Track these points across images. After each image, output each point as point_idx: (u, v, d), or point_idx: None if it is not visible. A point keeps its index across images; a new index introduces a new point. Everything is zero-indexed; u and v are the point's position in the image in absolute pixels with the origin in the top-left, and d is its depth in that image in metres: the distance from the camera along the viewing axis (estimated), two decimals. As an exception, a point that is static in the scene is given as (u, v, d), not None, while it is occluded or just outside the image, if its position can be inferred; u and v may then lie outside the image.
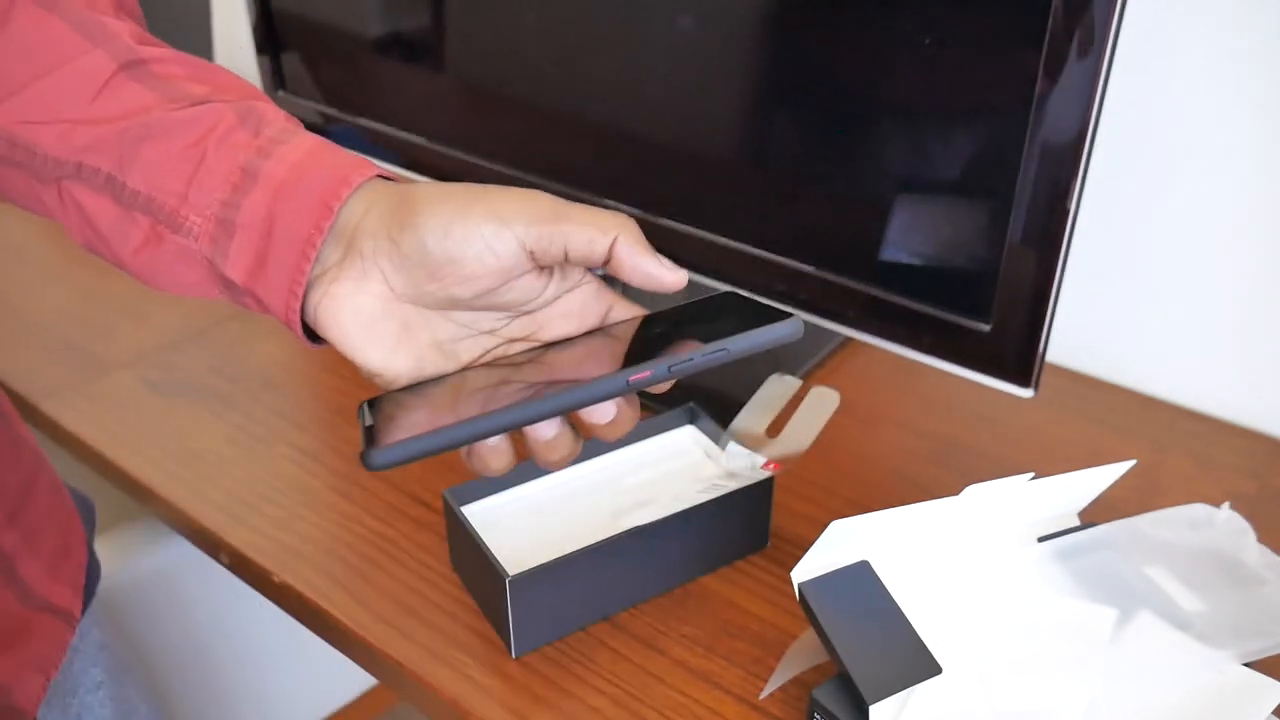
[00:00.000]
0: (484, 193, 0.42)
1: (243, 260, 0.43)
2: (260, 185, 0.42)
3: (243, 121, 0.44)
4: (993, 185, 0.57)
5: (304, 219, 0.42)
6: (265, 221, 0.42)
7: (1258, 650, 0.50)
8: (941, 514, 0.52)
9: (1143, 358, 0.78)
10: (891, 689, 0.47)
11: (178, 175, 0.43)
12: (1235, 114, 0.68)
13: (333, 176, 0.42)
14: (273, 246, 0.42)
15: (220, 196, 0.43)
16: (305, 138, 0.44)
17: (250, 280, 0.43)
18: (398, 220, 0.41)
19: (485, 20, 0.77)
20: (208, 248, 0.43)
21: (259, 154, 0.43)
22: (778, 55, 0.64)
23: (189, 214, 0.43)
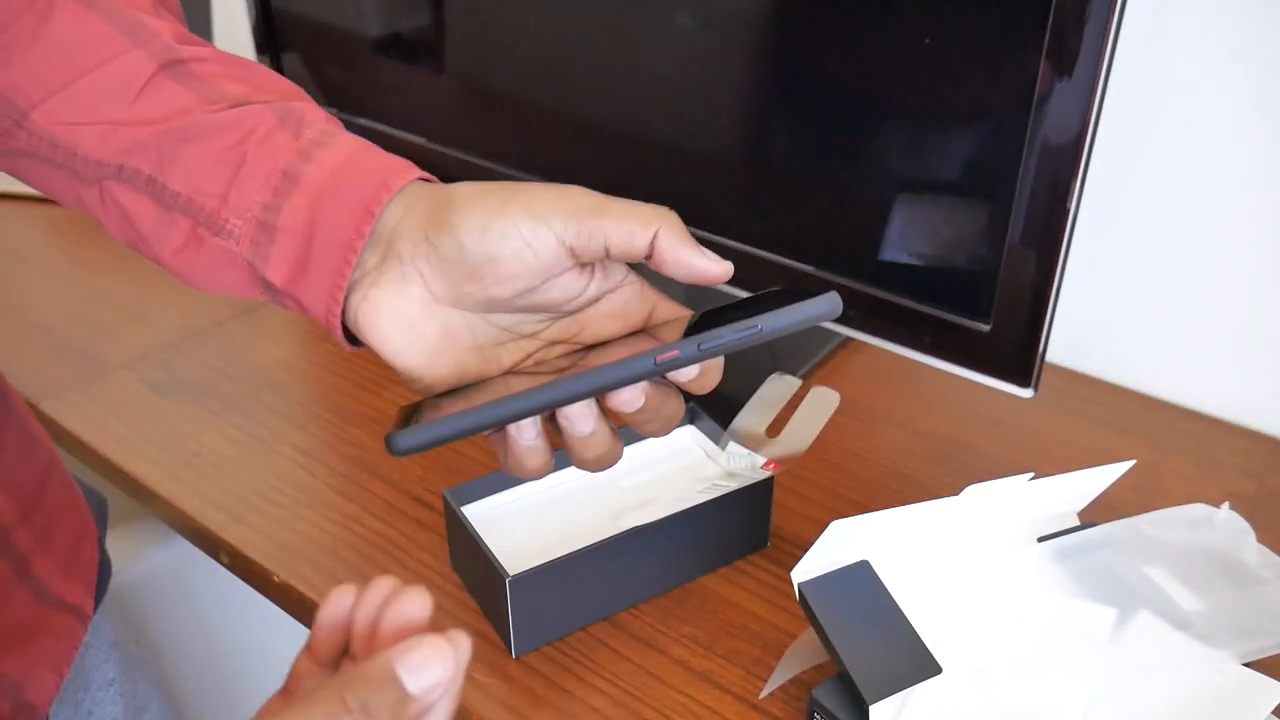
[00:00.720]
0: (520, 190, 0.41)
1: (284, 264, 0.43)
2: (301, 189, 0.42)
3: (283, 123, 0.44)
4: (993, 185, 0.57)
5: (345, 224, 0.41)
6: (307, 226, 0.42)
7: (1257, 650, 0.50)
8: (941, 514, 0.52)
9: (1143, 358, 0.78)
10: (891, 689, 0.47)
11: (218, 177, 0.43)
12: (1235, 114, 0.68)
13: (373, 180, 0.42)
14: (314, 251, 0.42)
15: (261, 200, 0.42)
16: (346, 139, 0.44)
17: (291, 284, 0.43)
18: (434, 222, 0.41)
19: (485, 20, 0.77)
20: (248, 250, 0.43)
21: (300, 157, 0.43)
22: (778, 55, 0.64)
23: (229, 216, 0.43)
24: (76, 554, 0.59)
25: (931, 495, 0.51)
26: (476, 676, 0.55)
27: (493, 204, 0.40)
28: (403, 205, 0.42)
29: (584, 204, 0.41)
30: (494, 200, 0.40)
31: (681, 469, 0.63)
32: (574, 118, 0.75)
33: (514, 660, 0.56)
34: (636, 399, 0.40)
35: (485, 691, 0.54)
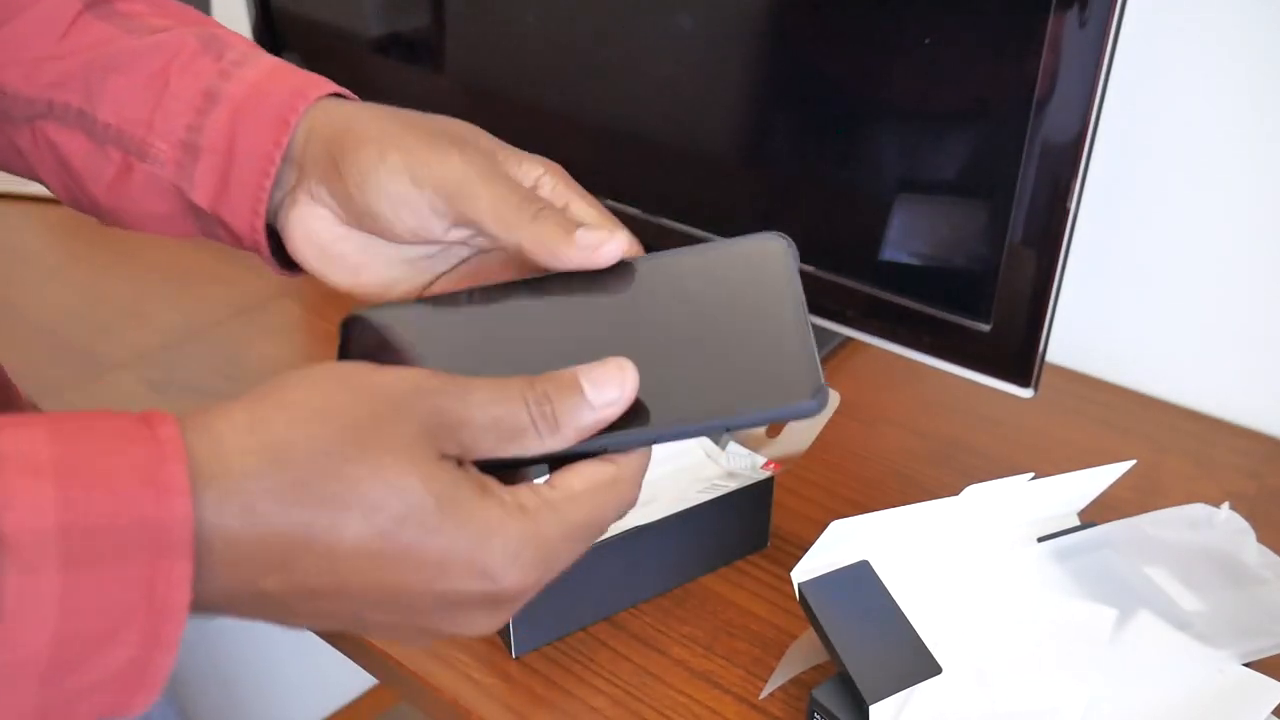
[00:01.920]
0: (405, 140, 0.40)
1: (208, 183, 0.43)
2: (221, 106, 0.43)
3: (205, 48, 0.44)
4: (993, 185, 0.57)
5: (263, 136, 0.42)
6: (227, 141, 0.43)
7: (1257, 650, 0.50)
8: (941, 514, 0.52)
9: (1143, 358, 0.78)
10: (891, 689, 0.47)
11: (143, 104, 0.44)
12: (1235, 114, 0.68)
13: (290, 92, 0.43)
14: (234, 166, 0.43)
15: (184, 121, 0.43)
16: (265, 59, 0.45)
17: (216, 204, 0.44)
18: (329, 157, 0.41)
19: (485, 20, 0.77)
20: (174, 173, 0.44)
21: (220, 76, 0.43)
22: (777, 55, 0.64)
23: (155, 141, 0.44)
24: None
25: (931, 495, 0.51)
26: (476, 676, 0.55)
27: (373, 155, 0.40)
28: (308, 127, 0.42)
29: (457, 179, 0.40)
30: (374, 151, 0.40)
31: (681, 469, 0.63)
32: (574, 118, 0.75)
33: (514, 660, 0.56)
34: None
35: (485, 691, 0.54)
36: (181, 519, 0.28)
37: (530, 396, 0.33)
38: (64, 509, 0.27)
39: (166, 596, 0.28)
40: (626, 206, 0.74)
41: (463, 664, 0.55)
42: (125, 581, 0.28)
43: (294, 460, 0.30)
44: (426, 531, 0.31)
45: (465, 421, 0.33)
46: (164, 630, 0.29)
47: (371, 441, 0.31)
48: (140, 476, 0.28)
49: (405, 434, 0.31)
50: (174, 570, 0.28)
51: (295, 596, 0.31)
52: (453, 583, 0.32)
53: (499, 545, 0.32)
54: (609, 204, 0.75)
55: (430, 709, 0.56)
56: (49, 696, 0.28)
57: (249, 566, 0.30)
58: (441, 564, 0.31)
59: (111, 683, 0.29)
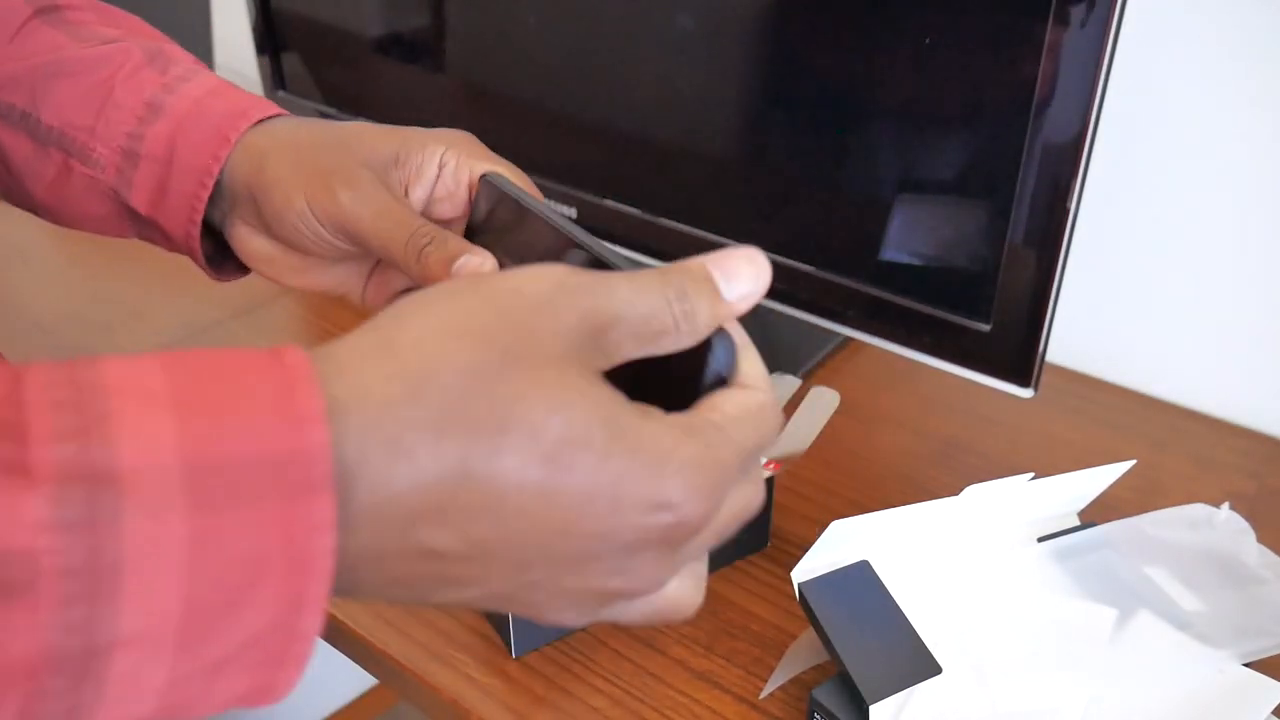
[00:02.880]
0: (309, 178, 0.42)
1: (145, 190, 0.45)
2: (164, 118, 0.45)
3: (151, 61, 0.46)
4: (993, 185, 0.57)
5: (203, 149, 0.44)
6: (167, 151, 0.44)
7: (1257, 650, 0.50)
8: (941, 514, 0.52)
9: (1143, 358, 0.78)
10: (891, 689, 0.47)
11: (87, 110, 0.45)
12: (1236, 114, 0.68)
13: (232, 110, 0.44)
14: (173, 176, 0.44)
15: (126, 129, 0.45)
16: (209, 76, 0.46)
17: (152, 209, 0.45)
18: (250, 197, 0.44)
19: (485, 20, 0.77)
20: (113, 178, 0.45)
21: (164, 90, 0.45)
22: (777, 55, 0.64)
23: (96, 145, 0.45)
24: None
25: (931, 495, 0.51)
26: (476, 676, 0.55)
27: (280, 199, 0.43)
28: (239, 157, 0.44)
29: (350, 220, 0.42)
30: (280, 195, 0.43)
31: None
32: (574, 118, 0.75)
33: (514, 660, 0.56)
34: None
35: (485, 691, 0.54)
36: (320, 450, 0.24)
37: (670, 294, 0.30)
38: (186, 443, 0.23)
39: (306, 544, 0.24)
40: (626, 206, 0.74)
41: (463, 664, 0.55)
42: (261, 526, 0.24)
43: (439, 384, 0.26)
44: (597, 457, 0.27)
45: (616, 320, 0.28)
46: (307, 586, 0.24)
47: (524, 354, 0.27)
48: (269, 406, 0.24)
49: (560, 342, 0.27)
50: (314, 511, 0.24)
51: (453, 550, 0.26)
52: (628, 516, 0.27)
53: (674, 470, 0.27)
54: (609, 204, 0.75)
55: (430, 709, 0.56)
56: (182, 671, 0.24)
57: (399, 512, 0.26)
58: (616, 495, 0.27)
59: (251, 653, 0.25)
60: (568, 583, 0.28)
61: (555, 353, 0.27)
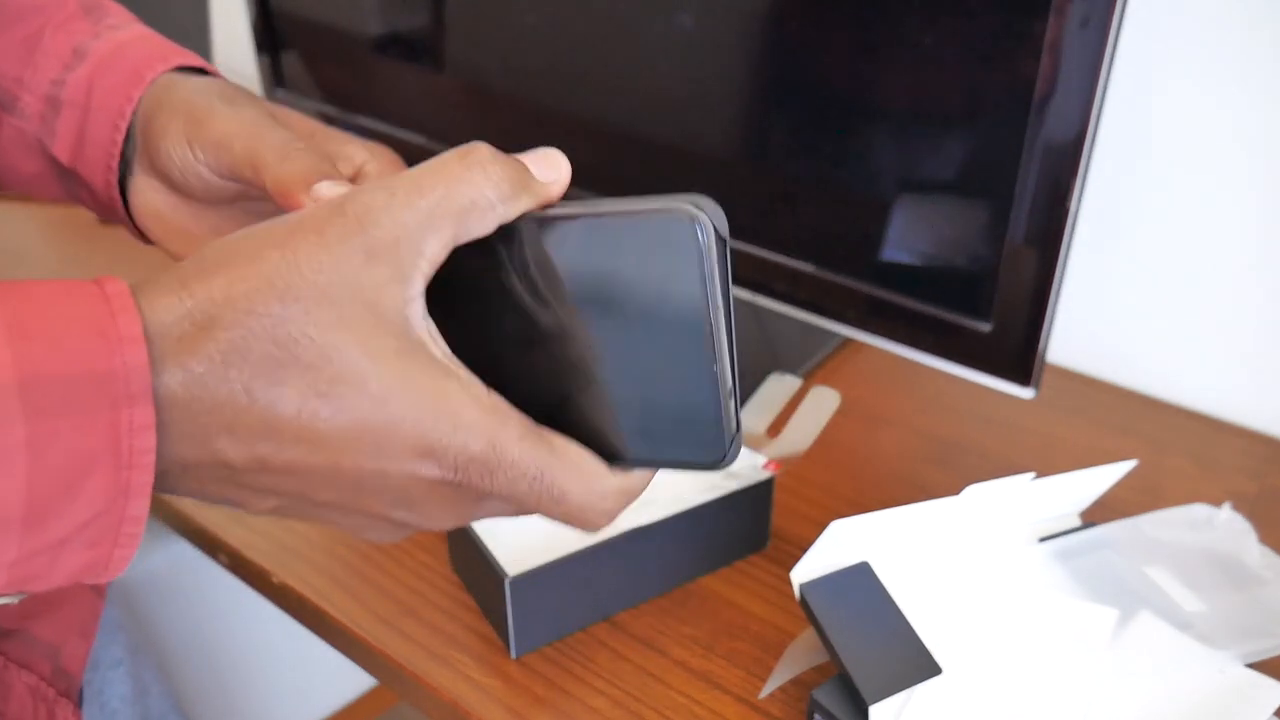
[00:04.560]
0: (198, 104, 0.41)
1: (67, 137, 0.44)
2: (86, 63, 0.44)
3: (86, 12, 0.45)
4: (993, 185, 0.57)
5: (117, 93, 0.43)
6: (85, 95, 0.43)
7: (1258, 651, 0.50)
8: (942, 514, 0.51)
9: (1143, 358, 0.78)
10: (891, 689, 0.47)
11: (17, 60, 0.44)
12: (1236, 113, 0.68)
13: (150, 54, 0.43)
14: (90, 120, 0.43)
15: (51, 76, 0.44)
16: (140, 27, 0.45)
17: (74, 159, 0.44)
18: (146, 129, 0.42)
19: (485, 20, 0.77)
20: (38, 127, 0.44)
21: (93, 36, 0.44)
22: (777, 55, 0.63)
23: (23, 94, 0.44)
24: None
25: (931, 495, 0.51)
26: (476, 677, 0.55)
27: (163, 124, 0.41)
28: (153, 99, 0.43)
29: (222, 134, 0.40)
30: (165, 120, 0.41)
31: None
32: (574, 117, 0.75)
33: (513, 661, 0.55)
34: None
35: (485, 692, 0.54)
36: (137, 367, 0.28)
37: (473, 164, 0.33)
38: (21, 363, 0.27)
39: (131, 442, 0.28)
40: (626, 206, 0.74)
41: (462, 664, 0.55)
42: (89, 428, 0.28)
43: (227, 322, 0.29)
44: (371, 400, 0.29)
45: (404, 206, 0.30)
46: (132, 478, 0.29)
47: (305, 289, 0.29)
48: (92, 329, 0.28)
49: (351, 289, 0.29)
50: (135, 416, 0.28)
51: (244, 464, 0.30)
52: (393, 461, 0.29)
53: (447, 423, 0.29)
54: (609, 204, 0.75)
55: (430, 709, 0.56)
56: (29, 547, 0.28)
57: (196, 427, 0.29)
58: (382, 438, 0.29)
59: (87, 532, 0.29)
60: (358, 506, 0.31)
61: (346, 299, 0.29)
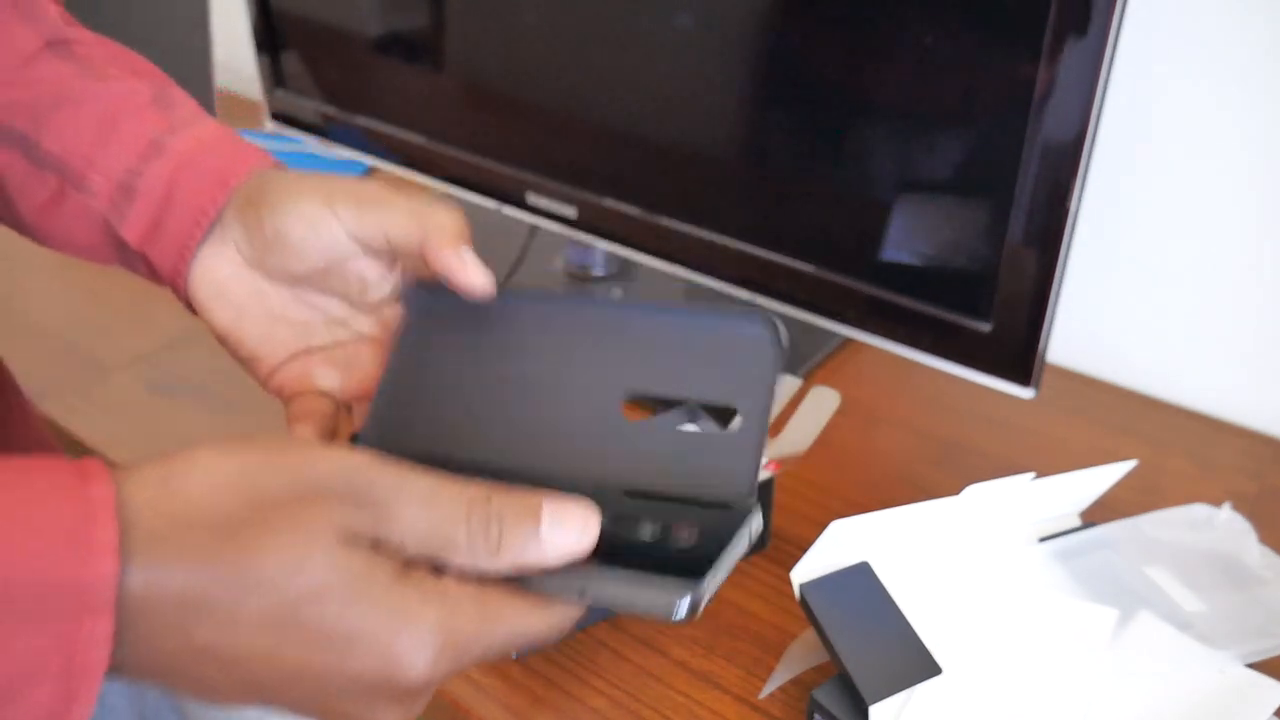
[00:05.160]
0: (329, 181, 0.45)
1: (140, 224, 0.46)
2: (165, 158, 0.45)
3: (156, 101, 0.47)
4: (993, 185, 0.57)
5: (202, 192, 0.45)
6: (166, 190, 0.45)
7: (1259, 651, 0.50)
8: (942, 514, 0.51)
9: (1143, 358, 0.78)
10: (891, 689, 0.47)
11: (88, 140, 0.46)
12: (1236, 114, 0.68)
13: (234, 159, 0.46)
14: (170, 214, 0.45)
15: (126, 164, 0.46)
16: (211, 123, 0.47)
17: (144, 243, 0.46)
18: (250, 199, 0.45)
19: (485, 20, 0.77)
20: (107, 208, 0.46)
21: (168, 130, 0.46)
22: (777, 54, 0.63)
23: (94, 175, 0.46)
24: None
25: (931, 495, 0.51)
26: (476, 677, 0.55)
27: (294, 189, 0.44)
28: (252, 187, 0.45)
29: (371, 195, 0.44)
30: (297, 186, 0.44)
31: (681, 469, 0.63)
32: (574, 118, 0.75)
33: (514, 661, 0.55)
34: None
35: (485, 692, 0.54)
36: (106, 579, 0.29)
37: (475, 514, 0.33)
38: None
39: (86, 655, 0.29)
40: (627, 206, 0.74)
41: (462, 664, 0.55)
42: (44, 637, 0.28)
43: (199, 525, 0.30)
44: (331, 612, 0.31)
45: (393, 518, 0.32)
46: (81, 687, 0.29)
47: (279, 518, 0.31)
48: (67, 535, 0.29)
49: (319, 515, 0.31)
50: (95, 630, 0.29)
51: (201, 662, 0.31)
52: (358, 667, 0.31)
53: (409, 632, 0.31)
54: (609, 204, 0.75)
55: (430, 709, 0.56)
56: None
57: (158, 628, 0.30)
58: (347, 646, 0.31)
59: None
60: (312, 704, 0.33)
61: (311, 524, 0.31)
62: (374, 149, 0.90)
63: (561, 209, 0.78)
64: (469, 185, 0.84)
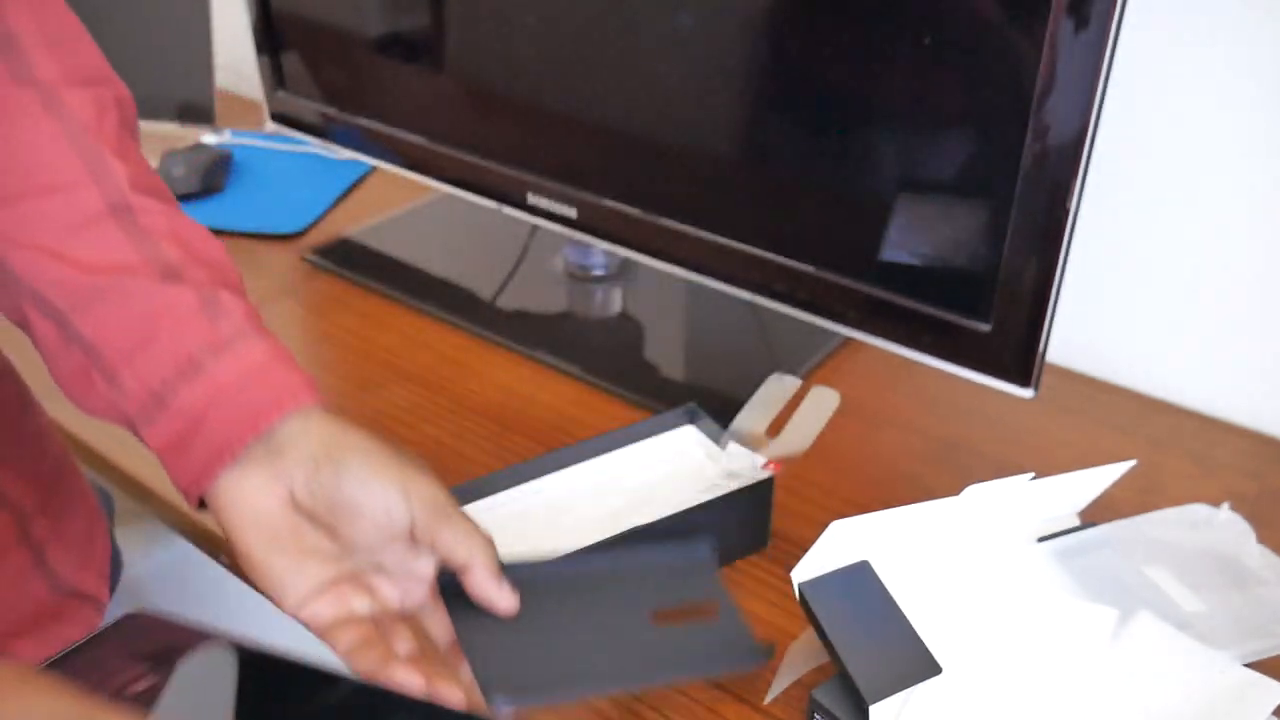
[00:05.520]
0: (403, 462, 0.46)
1: (164, 437, 0.45)
2: (202, 381, 0.45)
3: (204, 308, 0.46)
4: (993, 185, 0.57)
5: (233, 427, 0.44)
6: (198, 414, 0.44)
7: (1258, 650, 0.50)
8: (942, 514, 0.52)
9: (1143, 358, 0.78)
10: (891, 689, 0.47)
11: (126, 338, 0.45)
12: (1236, 114, 0.68)
13: (270, 398, 0.45)
14: (197, 439, 0.45)
15: (162, 375, 0.45)
16: (256, 345, 0.46)
17: (164, 454, 0.45)
18: (327, 453, 0.45)
19: (485, 20, 0.77)
20: (134, 411, 0.45)
21: (210, 350, 0.45)
22: (778, 55, 0.64)
23: (127, 375, 0.45)
24: (90, 543, 0.61)
25: (931, 495, 0.51)
26: (476, 677, 0.55)
27: (379, 465, 0.45)
28: (301, 422, 0.46)
29: (440, 502, 0.46)
30: (381, 463, 0.46)
31: (682, 469, 0.63)
32: (574, 118, 0.75)
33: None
34: None
35: (485, 692, 0.54)
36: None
37: None
38: None
39: None
40: (627, 206, 0.74)
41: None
42: None
43: None
44: None
45: None
46: None
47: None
48: None
49: None
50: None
51: None
52: None
53: None
54: (609, 204, 0.75)
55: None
56: None
57: None
58: None
59: None
60: None
61: None
62: (375, 150, 0.90)
63: (561, 209, 0.78)
64: (469, 186, 0.84)
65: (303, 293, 0.88)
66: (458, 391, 0.77)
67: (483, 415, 0.74)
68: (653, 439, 0.65)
